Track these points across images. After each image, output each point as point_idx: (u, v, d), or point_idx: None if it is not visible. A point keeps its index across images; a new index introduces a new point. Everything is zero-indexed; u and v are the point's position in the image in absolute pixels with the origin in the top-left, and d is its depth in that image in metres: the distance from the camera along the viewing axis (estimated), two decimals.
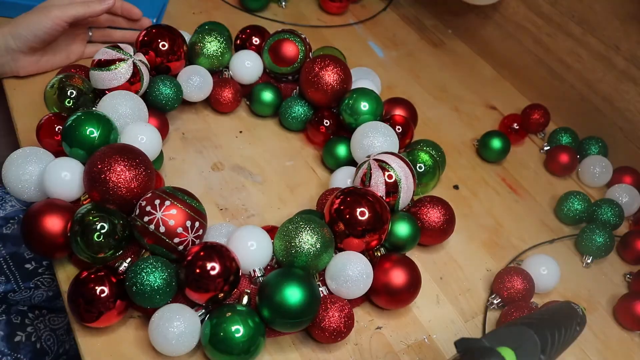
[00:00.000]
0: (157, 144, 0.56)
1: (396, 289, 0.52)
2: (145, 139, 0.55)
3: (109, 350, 0.47)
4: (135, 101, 0.57)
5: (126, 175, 0.49)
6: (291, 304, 0.46)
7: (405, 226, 0.56)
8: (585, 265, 0.64)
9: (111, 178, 0.48)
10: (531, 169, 0.74)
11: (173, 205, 0.47)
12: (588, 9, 0.73)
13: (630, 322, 0.58)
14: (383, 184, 0.55)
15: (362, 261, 0.51)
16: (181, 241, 0.47)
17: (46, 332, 0.68)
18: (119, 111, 0.55)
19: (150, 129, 0.56)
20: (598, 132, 0.76)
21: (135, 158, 0.50)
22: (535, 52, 0.82)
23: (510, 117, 0.77)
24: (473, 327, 0.56)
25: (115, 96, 0.56)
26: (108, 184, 0.48)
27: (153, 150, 0.55)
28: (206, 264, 0.45)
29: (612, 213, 0.66)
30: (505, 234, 0.66)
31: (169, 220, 0.47)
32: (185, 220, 0.47)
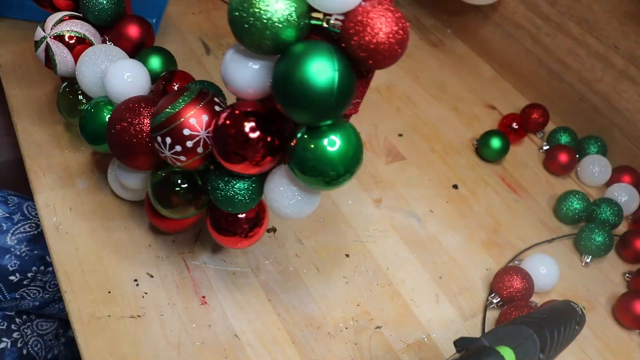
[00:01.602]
0: (145, 79, 0.50)
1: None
2: (131, 75, 0.49)
3: (109, 350, 0.47)
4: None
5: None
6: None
7: None
8: (585, 264, 0.64)
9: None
10: (530, 169, 0.75)
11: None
12: (587, 9, 0.73)
13: (629, 321, 0.58)
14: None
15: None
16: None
17: (33, 338, 0.67)
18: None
19: (135, 65, 0.50)
20: (597, 132, 0.76)
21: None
22: (535, 52, 0.82)
23: (509, 117, 0.77)
24: (472, 327, 0.56)
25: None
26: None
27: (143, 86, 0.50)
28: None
29: (611, 212, 0.66)
30: (504, 233, 0.66)
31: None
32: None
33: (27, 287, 0.67)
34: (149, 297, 0.51)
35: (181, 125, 0.40)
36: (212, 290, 0.53)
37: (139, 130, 0.44)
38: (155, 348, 0.48)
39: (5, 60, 0.68)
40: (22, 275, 0.68)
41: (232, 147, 0.39)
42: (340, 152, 0.38)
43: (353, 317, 0.54)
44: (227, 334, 0.50)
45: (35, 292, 0.68)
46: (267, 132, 0.39)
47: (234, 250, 0.57)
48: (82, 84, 0.52)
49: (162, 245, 0.55)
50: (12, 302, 0.67)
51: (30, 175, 0.58)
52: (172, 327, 0.50)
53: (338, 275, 0.57)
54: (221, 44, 0.79)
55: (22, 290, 0.67)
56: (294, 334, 0.52)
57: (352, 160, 0.39)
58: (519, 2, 0.81)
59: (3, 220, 0.68)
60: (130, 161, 0.46)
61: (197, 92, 0.41)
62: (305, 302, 0.54)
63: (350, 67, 0.36)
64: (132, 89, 0.49)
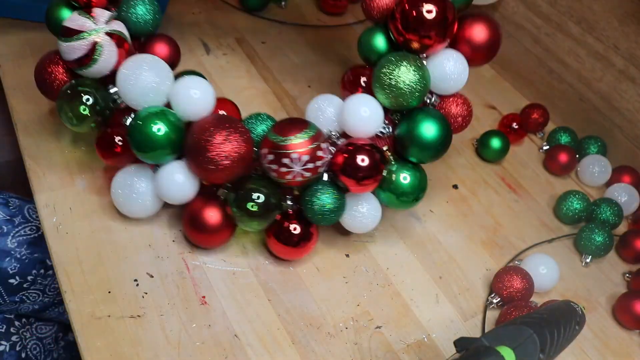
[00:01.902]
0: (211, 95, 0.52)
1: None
2: (198, 92, 0.51)
3: (109, 350, 0.47)
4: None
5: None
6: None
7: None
8: (585, 264, 0.64)
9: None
10: (530, 169, 0.75)
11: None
12: (587, 9, 0.73)
13: (629, 321, 0.58)
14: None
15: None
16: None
17: (32, 341, 0.67)
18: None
19: (201, 82, 0.52)
20: (597, 132, 0.76)
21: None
22: (535, 52, 0.82)
23: (509, 117, 0.77)
24: (472, 327, 0.56)
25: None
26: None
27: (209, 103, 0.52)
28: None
29: (611, 212, 0.66)
30: (504, 233, 0.66)
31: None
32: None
33: (27, 290, 0.67)
34: (149, 297, 0.51)
35: (290, 151, 0.50)
36: (212, 290, 0.53)
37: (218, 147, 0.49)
38: (155, 348, 0.48)
39: (6, 60, 0.68)
40: (22, 278, 0.67)
41: (361, 173, 0.51)
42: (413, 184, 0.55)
43: (353, 317, 0.54)
44: (227, 333, 0.50)
45: (35, 295, 0.68)
46: (377, 161, 0.52)
47: (234, 250, 0.57)
48: (125, 91, 0.51)
49: (162, 245, 0.55)
50: (11, 305, 0.66)
51: (30, 175, 0.58)
52: (172, 327, 0.50)
53: (338, 275, 0.57)
54: (221, 43, 0.79)
55: (22, 293, 0.67)
56: (294, 334, 0.52)
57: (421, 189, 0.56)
58: (519, 2, 0.81)
59: (4, 222, 0.68)
60: (209, 175, 0.51)
61: (316, 131, 0.51)
62: (305, 302, 0.54)
63: (449, 126, 0.55)
64: (200, 106, 0.51)
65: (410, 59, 0.53)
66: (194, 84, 0.51)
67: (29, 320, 0.68)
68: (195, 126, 0.51)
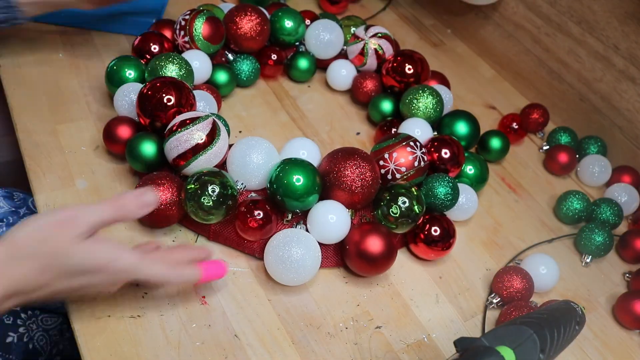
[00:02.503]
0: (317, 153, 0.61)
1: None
2: (306, 153, 0.60)
3: (109, 350, 0.47)
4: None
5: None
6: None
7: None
8: (585, 264, 0.64)
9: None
10: (530, 169, 0.75)
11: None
12: (587, 9, 0.73)
13: (629, 321, 0.58)
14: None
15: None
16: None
17: (39, 333, 0.67)
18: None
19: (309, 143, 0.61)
20: (597, 132, 0.76)
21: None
22: (535, 52, 0.82)
23: (509, 117, 0.77)
24: (472, 327, 0.56)
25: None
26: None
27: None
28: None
29: (611, 212, 0.66)
30: (504, 233, 0.66)
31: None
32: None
33: None
34: (149, 297, 0.51)
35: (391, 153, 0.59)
36: (212, 290, 0.53)
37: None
38: (155, 348, 0.48)
39: (5, 60, 0.69)
40: None
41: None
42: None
43: (353, 317, 0.54)
44: (227, 333, 0.50)
45: None
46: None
47: (234, 250, 0.57)
48: (237, 174, 0.57)
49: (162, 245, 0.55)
50: None
51: (30, 175, 0.58)
52: (172, 327, 0.50)
53: (338, 275, 0.57)
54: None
55: None
56: (294, 334, 0.52)
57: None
58: (519, 2, 0.81)
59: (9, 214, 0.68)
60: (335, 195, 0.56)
61: (405, 137, 0.60)
62: (305, 302, 0.54)
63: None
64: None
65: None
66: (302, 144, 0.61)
67: (35, 312, 0.68)
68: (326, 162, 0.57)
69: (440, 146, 0.63)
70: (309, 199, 0.54)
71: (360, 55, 0.75)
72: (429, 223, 0.58)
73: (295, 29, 0.74)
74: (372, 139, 0.73)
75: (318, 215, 0.55)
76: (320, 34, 0.75)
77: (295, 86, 0.77)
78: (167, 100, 0.56)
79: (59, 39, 0.73)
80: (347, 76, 0.76)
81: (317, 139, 0.70)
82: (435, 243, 0.58)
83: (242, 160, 0.56)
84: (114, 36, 0.76)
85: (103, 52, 0.73)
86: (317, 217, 0.55)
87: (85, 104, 0.66)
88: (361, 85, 0.74)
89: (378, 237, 0.54)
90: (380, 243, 0.54)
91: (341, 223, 0.55)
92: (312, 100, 0.75)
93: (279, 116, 0.72)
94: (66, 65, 0.70)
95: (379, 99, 0.73)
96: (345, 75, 0.76)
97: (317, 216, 0.55)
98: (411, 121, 0.67)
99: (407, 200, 0.55)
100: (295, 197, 0.53)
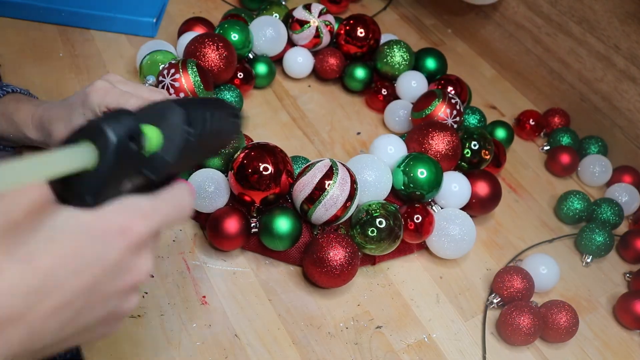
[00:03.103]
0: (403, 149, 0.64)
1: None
2: (393, 149, 0.63)
3: (109, 350, 0.47)
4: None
5: None
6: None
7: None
8: (585, 264, 0.64)
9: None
10: (531, 169, 0.74)
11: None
12: (588, 9, 0.73)
13: (630, 321, 0.58)
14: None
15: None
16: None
17: None
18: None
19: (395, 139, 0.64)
20: (598, 132, 0.76)
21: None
22: (535, 52, 0.82)
23: (526, 114, 0.77)
24: (473, 326, 0.56)
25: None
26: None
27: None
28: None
29: (612, 212, 0.66)
30: (505, 233, 0.66)
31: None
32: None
33: None
34: (149, 297, 0.51)
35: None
36: (213, 290, 0.53)
37: None
38: (156, 348, 0.48)
39: (5, 60, 0.68)
40: None
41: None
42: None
43: (353, 317, 0.54)
44: (228, 333, 0.50)
45: None
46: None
47: (234, 251, 0.56)
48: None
49: (163, 245, 0.55)
50: None
51: None
52: (172, 327, 0.50)
53: None
54: None
55: None
56: (295, 334, 0.52)
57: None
58: (520, 2, 0.81)
59: None
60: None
61: (443, 96, 0.66)
62: (305, 302, 0.54)
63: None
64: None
65: None
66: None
67: None
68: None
69: (447, 85, 0.72)
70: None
71: (315, 39, 0.74)
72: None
73: (244, 40, 0.70)
74: (370, 137, 0.72)
75: (446, 184, 0.61)
76: (266, 32, 0.72)
77: (296, 86, 0.77)
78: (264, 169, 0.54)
79: (59, 39, 0.73)
80: (305, 62, 0.75)
81: (318, 139, 0.70)
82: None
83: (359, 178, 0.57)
84: (114, 36, 0.76)
85: (103, 52, 0.73)
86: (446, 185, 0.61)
87: None
88: (327, 65, 0.74)
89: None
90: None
91: (463, 189, 0.61)
92: (312, 99, 0.75)
93: (279, 116, 0.72)
94: (66, 65, 0.70)
95: (351, 69, 0.75)
96: (302, 62, 0.75)
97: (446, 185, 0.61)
98: (406, 76, 0.73)
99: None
100: (427, 189, 0.59)
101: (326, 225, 0.56)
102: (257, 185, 0.53)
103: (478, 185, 0.62)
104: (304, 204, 0.54)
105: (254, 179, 0.53)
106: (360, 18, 0.75)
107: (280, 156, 0.54)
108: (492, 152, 0.64)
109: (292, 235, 0.54)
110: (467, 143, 0.63)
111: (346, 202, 0.54)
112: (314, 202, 0.53)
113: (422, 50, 0.78)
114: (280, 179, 0.53)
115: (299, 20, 0.74)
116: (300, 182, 0.54)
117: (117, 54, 0.74)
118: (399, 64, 0.74)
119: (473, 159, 0.63)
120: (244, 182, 0.53)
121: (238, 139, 0.58)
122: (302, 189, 0.54)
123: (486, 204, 0.63)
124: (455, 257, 0.60)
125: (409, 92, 0.73)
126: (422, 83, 0.74)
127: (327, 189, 0.53)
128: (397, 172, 0.59)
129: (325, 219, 0.54)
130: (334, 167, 0.54)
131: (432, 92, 0.67)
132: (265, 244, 0.55)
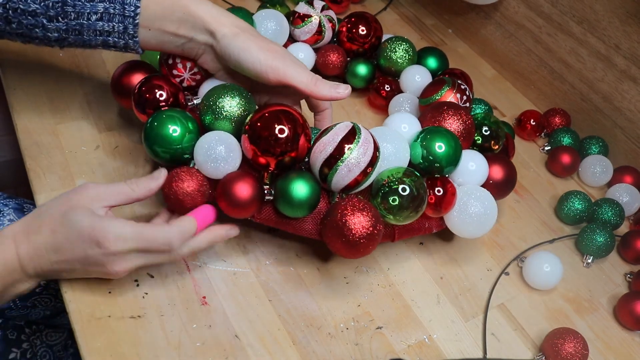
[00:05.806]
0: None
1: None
2: (407, 127, 0.61)
3: (109, 350, 0.47)
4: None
5: None
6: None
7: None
8: (586, 265, 0.64)
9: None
10: (532, 169, 0.74)
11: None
12: (588, 9, 0.73)
13: (631, 322, 0.58)
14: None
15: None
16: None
17: (42, 349, 0.66)
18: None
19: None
20: (598, 132, 0.76)
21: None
22: (536, 52, 0.82)
23: (527, 113, 0.77)
24: (473, 327, 0.56)
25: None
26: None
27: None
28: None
29: (613, 213, 0.66)
30: (505, 233, 0.65)
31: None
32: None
33: (39, 295, 0.66)
34: (149, 297, 0.51)
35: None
36: (213, 290, 0.53)
37: None
38: (156, 348, 0.48)
39: (6, 60, 0.68)
40: None
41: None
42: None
43: (354, 317, 0.54)
44: (228, 334, 0.50)
45: (47, 300, 0.67)
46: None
47: (234, 251, 0.56)
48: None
49: None
50: (23, 311, 0.66)
51: (31, 175, 0.58)
52: (172, 328, 0.49)
53: (339, 276, 0.57)
54: None
55: (34, 298, 0.66)
56: (295, 334, 0.52)
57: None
58: (520, 2, 0.81)
59: None
60: None
61: (452, 83, 0.64)
62: (305, 302, 0.54)
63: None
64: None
65: None
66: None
67: (39, 327, 0.67)
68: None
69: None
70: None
71: (316, 35, 0.73)
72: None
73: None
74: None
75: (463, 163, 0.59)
76: (269, 25, 0.70)
77: None
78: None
79: None
80: (306, 59, 0.74)
81: None
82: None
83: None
84: None
85: (103, 52, 0.73)
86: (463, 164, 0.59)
87: (86, 104, 0.66)
88: (328, 60, 0.74)
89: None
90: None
91: (481, 168, 0.59)
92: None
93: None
94: (66, 65, 0.70)
95: (353, 65, 0.74)
96: (303, 58, 0.73)
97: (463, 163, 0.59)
98: (410, 70, 0.72)
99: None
100: (445, 164, 0.56)
101: (345, 192, 0.52)
102: (273, 148, 0.49)
103: (493, 169, 0.59)
104: (324, 166, 0.50)
105: (272, 139, 0.49)
106: (362, 16, 0.75)
107: (299, 119, 0.51)
108: (503, 139, 0.62)
109: (310, 200, 0.51)
110: (479, 129, 0.61)
111: (367, 168, 0.50)
112: (335, 163, 0.50)
113: (423, 49, 0.77)
114: (298, 143, 0.50)
115: (301, 14, 0.73)
116: (321, 142, 0.51)
117: (118, 53, 0.73)
118: (402, 59, 0.73)
119: (485, 143, 0.61)
120: (260, 142, 0.50)
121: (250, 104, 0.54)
122: (323, 149, 0.50)
123: (502, 188, 0.60)
124: (476, 236, 0.57)
125: (413, 86, 0.72)
126: (426, 77, 0.72)
127: (351, 148, 0.50)
128: (414, 146, 0.56)
129: (346, 182, 0.50)
130: (357, 129, 0.51)
131: (440, 79, 0.65)
132: (281, 210, 0.52)
